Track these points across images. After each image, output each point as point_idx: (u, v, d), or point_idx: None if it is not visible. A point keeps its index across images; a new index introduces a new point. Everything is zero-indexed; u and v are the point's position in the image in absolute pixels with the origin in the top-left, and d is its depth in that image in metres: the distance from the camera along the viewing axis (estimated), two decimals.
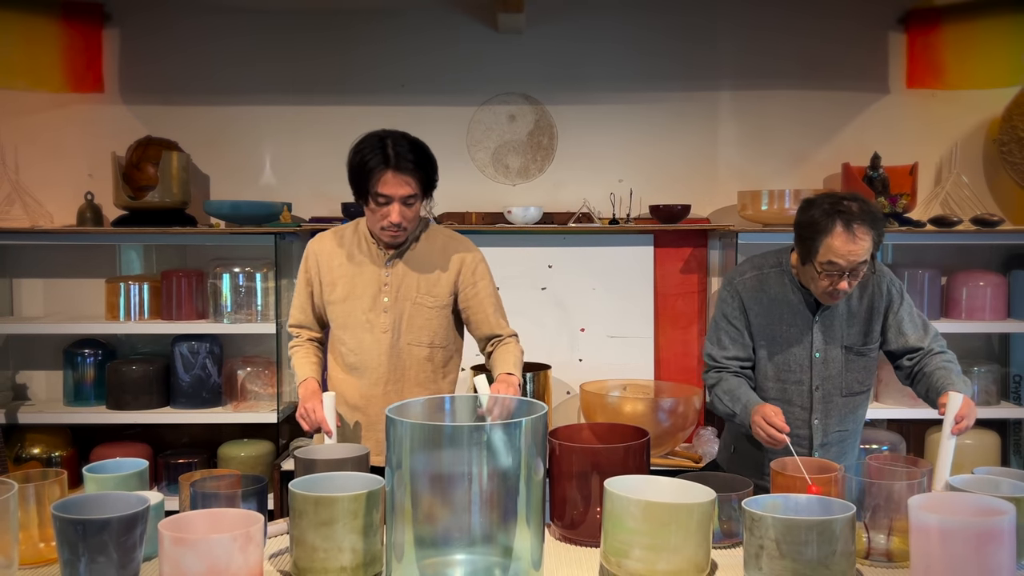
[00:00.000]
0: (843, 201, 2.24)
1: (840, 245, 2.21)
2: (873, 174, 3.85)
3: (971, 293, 3.87)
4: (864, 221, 2.21)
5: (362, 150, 2.35)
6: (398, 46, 4.07)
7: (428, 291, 2.48)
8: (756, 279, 2.49)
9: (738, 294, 2.50)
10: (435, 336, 2.52)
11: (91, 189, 3.94)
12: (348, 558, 1.72)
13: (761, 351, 2.49)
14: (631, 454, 2.05)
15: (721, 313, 2.52)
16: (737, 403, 2.44)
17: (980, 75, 3.96)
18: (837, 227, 2.21)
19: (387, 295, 2.46)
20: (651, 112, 4.09)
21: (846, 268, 2.24)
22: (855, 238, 2.21)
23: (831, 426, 2.49)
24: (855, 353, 2.46)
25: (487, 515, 1.58)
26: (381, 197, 2.33)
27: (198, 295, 3.86)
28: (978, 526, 1.53)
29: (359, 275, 2.48)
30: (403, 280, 2.47)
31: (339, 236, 2.54)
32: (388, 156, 2.31)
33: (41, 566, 1.81)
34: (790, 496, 1.82)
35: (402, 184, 2.32)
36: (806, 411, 2.47)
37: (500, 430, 1.56)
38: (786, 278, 2.46)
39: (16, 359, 4.08)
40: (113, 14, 4.02)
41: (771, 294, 2.47)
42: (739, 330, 2.49)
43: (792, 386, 2.47)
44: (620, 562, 1.73)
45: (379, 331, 2.46)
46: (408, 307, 2.47)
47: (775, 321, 2.46)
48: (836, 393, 2.47)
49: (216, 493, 1.87)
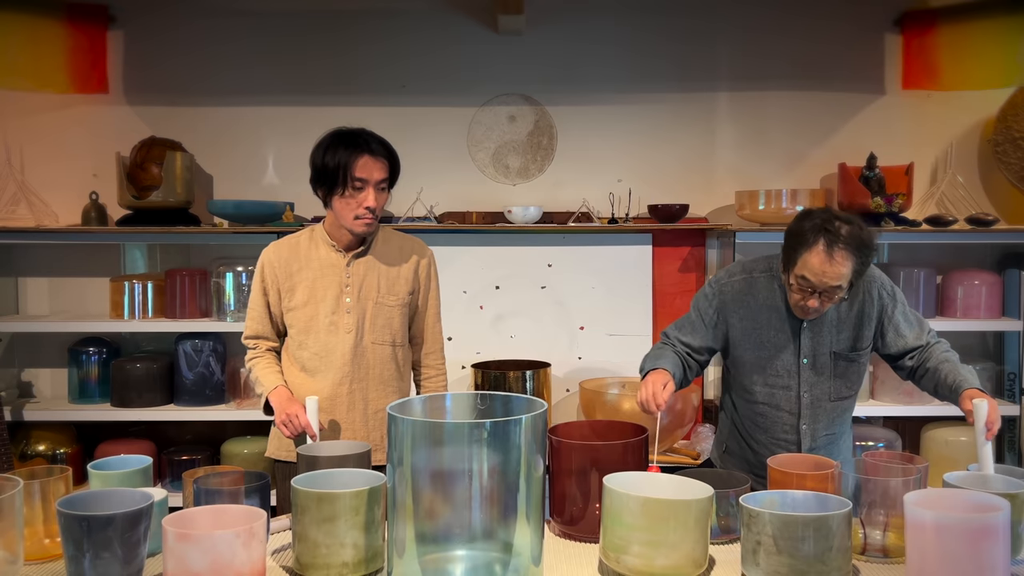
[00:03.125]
0: (835, 221, 2.20)
1: (816, 263, 2.19)
2: (869, 174, 3.88)
3: (966, 292, 3.90)
4: (848, 246, 2.17)
5: (332, 143, 2.43)
6: (399, 47, 4.10)
7: (389, 290, 2.53)
8: (744, 283, 2.48)
9: (719, 295, 2.50)
10: (396, 334, 2.56)
11: (96, 189, 3.97)
12: (350, 554, 1.73)
13: (747, 355, 2.48)
14: (630, 451, 2.06)
15: (695, 304, 2.55)
16: (648, 361, 2.44)
17: (975, 76, 3.98)
18: (819, 245, 2.18)
19: (349, 295, 2.50)
20: (650, 113, 4.12)
21: (817, 287, 2.22)
22: (832, 260, 2.17)
23: (819, 430, 2.48)
24: (844, 359, 2.44)
25: (487, 511, 1.58)
26: (358, 181, 2.39)
27: (201, 294, 3.89)
28: (973, 522, 1.53)
29: (320, 278, 2.51)
30: (364, 280, 2.51)
31: (293, 243, 2.57)
32: (361, 143, 2.41)
33: (46, 562, 1.81)
34: (787, 492, 1.83)
35: (377, 168, 2.42)
36: (794, 416, 2.46)
37: (500, 427, 1.57)
38: (776, 283, 2.44)
39: (22, 357, 4.10)
40: (118, 16, 4.04)
41: (759, 299, 2.45)
42: (702, 325, 2.50)
43: (780, 391, 2.46)
44: (619, 558, 1.74)
45: (343, 331, 2.49)
46: (371, 306, 2.51)
47: (762, 326, 2.44)
48: (824, 398, 2.46)
49: (219, 489, 1.87)
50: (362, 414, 2.51)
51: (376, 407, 2.52)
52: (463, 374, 4.00)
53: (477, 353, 4.03)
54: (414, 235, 2.69)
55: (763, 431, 2.51)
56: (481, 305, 4.07)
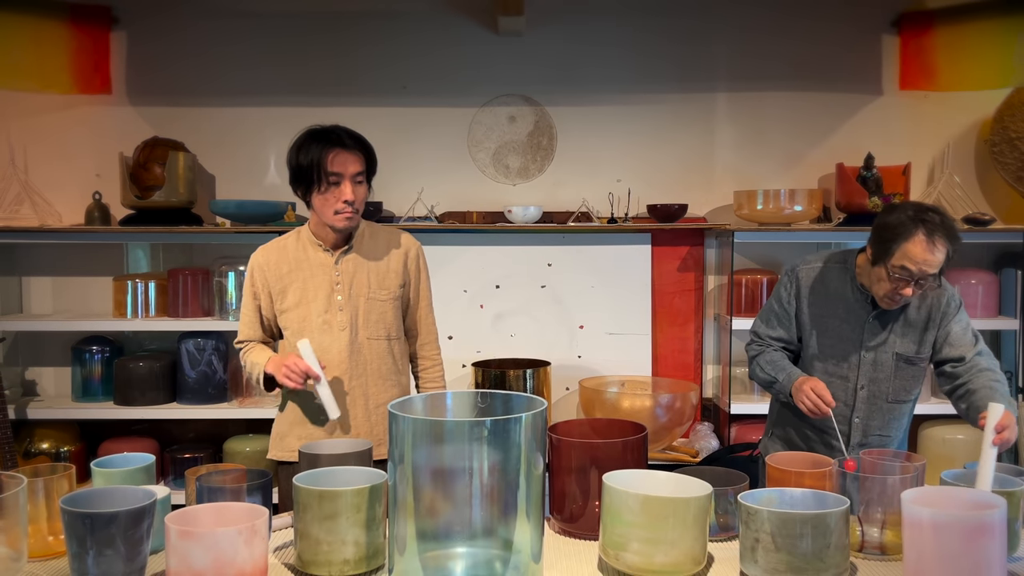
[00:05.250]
0: (928, 211, 2.29)
1: (918, 252, 2.26)
2: (867, 174, 3.90)
3: (963, 291, 3.89)
4: (945, 233, 2.27)
5: (304, 141, 2.45)
6: (400, 48, 4.12)
7: (380, 284, 2.54)
8: (819, 270, 2.57)
9: (796, 280, 2.58)
10: (390, 328, 2.56)
11: (99, 189, 3.99)
12: (351, 551, 1.73)
13: (811, 339, 2.55)
14: (629, 449, 2.06)
15: (776, 295, 2.62)
16: (780, 372, 2.52)
17: (972, 77, 4.00)
18: (919, 234, 2.26)
19: (340, 293, 2.50)
20: (649, 113, 4.14)
21: (916, 275, 2.29)
22: (934, 248, 2.26)
23: (872, 428, 2.52)
24: (905, 361, 2.49)
25: (488, 509, 1.58)
26: (333, 176, 2.40)
27: (204, 293, 3.90)
28: (970, 520, 1.53)
29: (310, 278, 2.51)
30: (354, 276, 2.51)
31: (281, 246, 2.57)
32: (332, 138, 2.43)
33: (50, 559, 1.81)
34: (785, 490, 1.83)
35: (351, 161, 2.42)
36: (848, 408, 2.52)
37: (500, 425, 1.58)
38: (848, 276, 2.52)
39: (25, 356, 4.13)
40: (121, 17, 4.06)
41: (830, 287, 2.53)
42: (788, 315, 2.58)
43: (837, 380, 2.52)
44: (618, 555, 1.74)
45: (337, 329, 2.49)
46: (363, 302, 2.51)
47: (830, 314, 2.52)
48: (881, 397, 2.51)
49: (222, 487, 1.87)
50: (364, 410, 2.52)
51: (377, 402, 2.52)
52: (463, 373, 4.03)
53: (477, 352, 4.05)
54: (401, 230, 2.69)
55: (813, 421, 2.54)
56: (481, 304, 4.10)
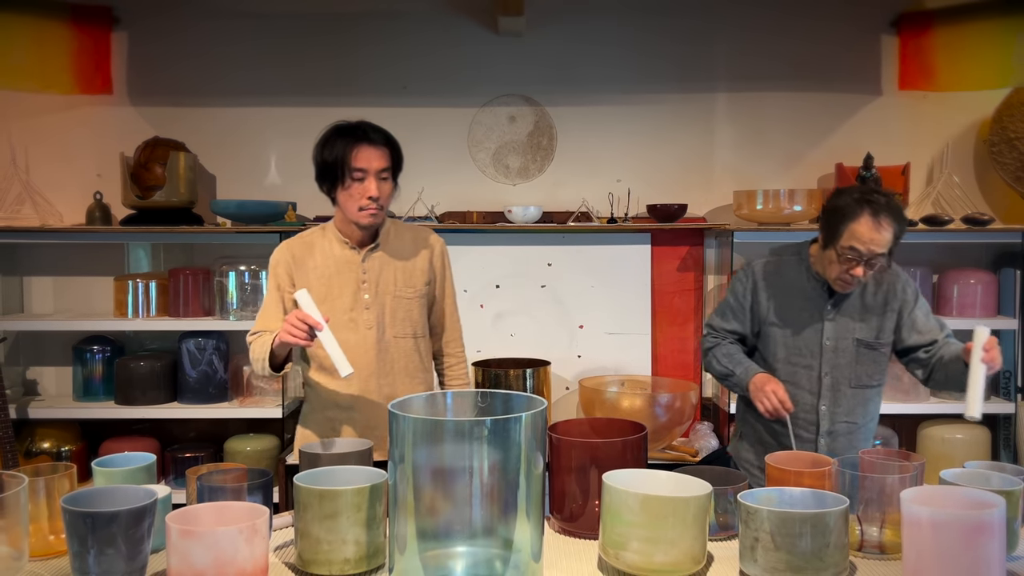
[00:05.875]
0: (873, 193, 2.38)
1: (865, 232, 2.33)
2: (866, 174, 3.90)
3: (962, 291, 3.93)
4: (890, 214, 2.34)
5: (330, 136, 2.43)
6: (400, 49, 4.13)
7: (406, 282, 2.52)
8: (774, 264, 2.63)
9: (753, 275, 2.63)
10: (416, 326, 2.55)
11: (100, 189, 4.00)
12: (352, 550, 1.73)
13: (774, 330, 2.59)
14: (629, 448, 2.06)
15: (731, 290, 2.67)
16: (738, 366, 2.56)
17: (971, 77, 4.01)
18: (865, 214, 2.33)
19: (367, 291, 2.48)
20: (649, 113, 4.15)
21: (865, 255, 2.35)
22: (879, 227, 2.33)
23: (839, 415, 2.56)
24: (866, 346, 2.54)
25: (488, 508, 1.57)
26: (358, 172, 2.38)
27: (205, 293, 3.91)
28: (969, 519, 1.53)
29: (335, 275, 2.48)
30: (381, 274, 2.49)
31: (306, 242, 2.54)
32: (358, 133, 2.41)
33: (51, 558, 1.81)
34: (784, 489, 1.83)
35: (376, 156, 2.39)
36: (814, 396, 2.56)
37: (500, 425, 1.58)
38: (803, 266, 2.58)
39: (26, 355, 4.14)
40: (122, 17, 4.07)
41: (787, 279, 2.59)
42: (743, 308, 2.63)
43: (801, 370, 2.56)
44: (618, 554, 1.73)
45: (363, 328, 2.47)
46: (389, 300, 2.49)
47: (789, 305, 2.57)
48: (844, 383, 2.55)
49: (222, 487, 1.87)
50: None
51: None
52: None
53: (477, 351, 4.06)
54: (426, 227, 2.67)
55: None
56: (481, 304, 4.11)
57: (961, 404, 2.35)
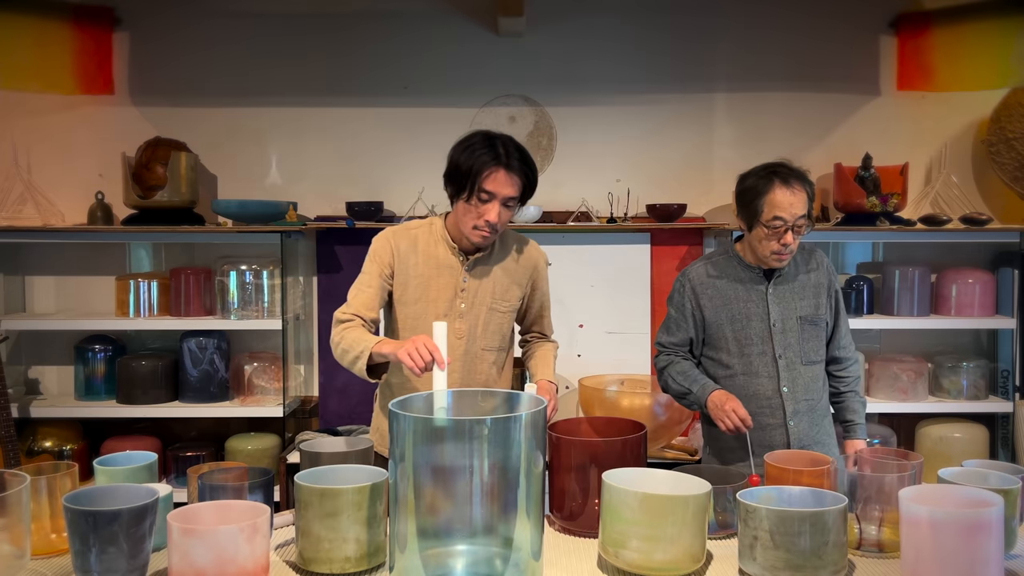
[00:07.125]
0: (775, 165, 2.53)
1: (782, 199, 2.46)
2: (865, 174, 3.92)
3: (960, 290, 3.94)
4: (797, 178, 2.50)
5: (472, 145, 2.31)
6: (400, 49, 4.14)
7: (503, 296, 2.45)
8: (705, 267, 2.68)
9: (688, 284, 2.67)
10: (504, 339, 2.50)
11: (101, 189, 4.01)
12: (352, 548, 1.73)
13: (723, 329, 2.62)
14: (628, 447, 2.06)
15: (670, 302, 2.72)
16: (694, 384, 2.60)
17: (969, 77, 4.02)
18: (776, 183, 2.47)
19: (464, 301, 2.41)
20: (648, 113, 4.16)
21: (790, 221, 2.45)
22: (793, 191, 2.47)
23: (799, 394, 2.60)
24: (809, 323, 2.61)
25: (488, 507, 1.58)
26: (485, 194, 2.28)
27: (206, 292, 3.92)
28: (967, 517, 1.54)
29: (435, 279, 2.40)
30: (480, 287, 2.42)
31: (412, 236, 2.44)
32: (500, 154, 2.28)
33: (53, 556, 1.81)
34: (783, 488, 1.83)
35: (509, 184, 2.29)
36: (773, 380, 2.58)
37: (501, 424, 1.58)
38: (734, 261, 2.65)
39: (28, 354, 4.14)
40: (123, 18, 4.08)
41: (723, 276, 2.65)
42: (685, 317, 2.67)
43: (756, 357, 2.59)
44: (618, 553, 1.74)
45: (454, 337, 2.37)
46: (484, 313, 2.42)
47: (731, 298, 2.62)
48: (798, 361, 2.60)
49: (224, 485, 1.86)
50: None
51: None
52: None
53: None
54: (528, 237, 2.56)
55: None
56: None
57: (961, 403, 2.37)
